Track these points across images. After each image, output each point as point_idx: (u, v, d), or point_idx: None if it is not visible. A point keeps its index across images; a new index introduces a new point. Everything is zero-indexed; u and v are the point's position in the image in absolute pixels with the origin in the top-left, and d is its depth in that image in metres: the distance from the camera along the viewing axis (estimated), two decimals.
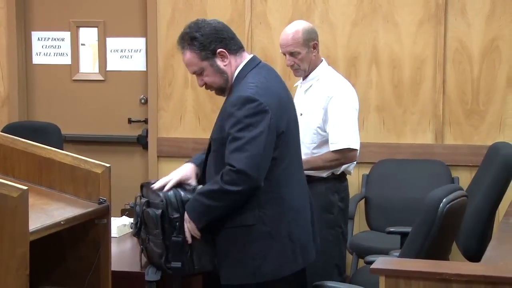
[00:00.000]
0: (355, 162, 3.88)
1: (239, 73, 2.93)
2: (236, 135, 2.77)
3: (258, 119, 2.77)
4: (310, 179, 3.69)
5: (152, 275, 2.99)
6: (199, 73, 2.94)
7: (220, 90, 2.98)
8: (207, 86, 2.97)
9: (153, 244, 3.00)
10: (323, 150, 3.79)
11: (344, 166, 3.83)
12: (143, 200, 3.02)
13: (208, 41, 2.89)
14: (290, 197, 2.92)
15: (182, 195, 2.93)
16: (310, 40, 3.82)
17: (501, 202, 3.64)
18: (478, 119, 4.84)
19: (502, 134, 4.78)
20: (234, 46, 2.94)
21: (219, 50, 2.90)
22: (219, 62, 2.91)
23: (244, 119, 2.77)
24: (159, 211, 2.92)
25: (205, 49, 2.89)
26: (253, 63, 2.96)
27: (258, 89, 2.83)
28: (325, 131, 3.78)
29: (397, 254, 2.93)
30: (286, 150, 2.90)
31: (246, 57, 2.98)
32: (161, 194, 2.94)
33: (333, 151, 3.75)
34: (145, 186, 3.09)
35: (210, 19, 3.00)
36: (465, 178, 4.71)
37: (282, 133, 2.86)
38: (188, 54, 2.91)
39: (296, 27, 3.85)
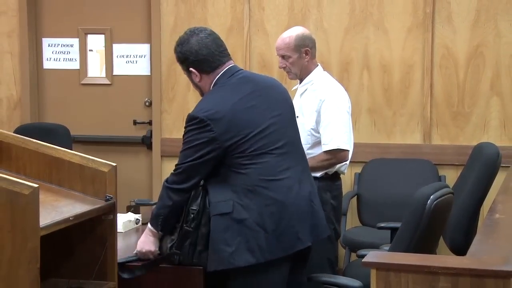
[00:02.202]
0: (347, 163, 3.87)
1: (212, 86, 3.02)
2: (183, 141, 2.96)
3: (199, 132, 2.89)
4: None
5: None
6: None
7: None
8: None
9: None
10: (317, 151, 3.79)
11: (337, 166, 3.82)
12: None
13: (182, 59, 3.04)
14: (271, 190, 2.91)
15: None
16: (302, 46, 3.82)
17: (485, 198, 3.64)
18: (463, 120, 4.84)
19: (486, 135, 4.78)
20: (206, 67, 3.00)
21: (190, 69, 3.02)
22: (194, 77, 3.04)
23: (186, 133, 2.94)
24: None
25: (182, 64, 3.06)
26: (225, 76, 3.01)
27: (205, 106, 2.93)
28: (318, 132, 3.79)
29: (388, 248, 2.93)
30: (262, 147, 2.91)
31: (222, 70, 3.02)
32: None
33: (324, 152, 3.76)
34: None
35: (200, 32, 3.02)
36: (451, 176, 4.71)
37: (242, 138, 2.89)
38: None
39: (291, 33, 3.86)
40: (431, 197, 2.57)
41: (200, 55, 2.98)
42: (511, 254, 2.23)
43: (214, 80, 3.01)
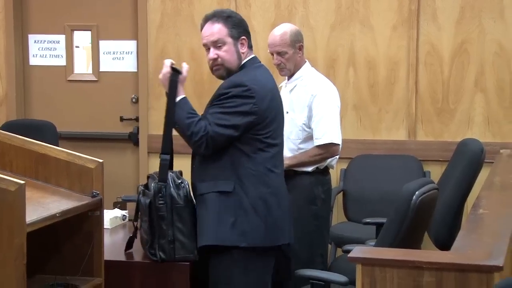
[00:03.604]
0: (337, 157, 3.89)
1: (243, 65, 3.05)
2: (217, 104, 2.93)
3: (242, 101, 2.91)
4: (296, 173, 3.72)
5: None
6: (217, 46, 3.01)
7: (226, 71, 3.04)
8: (216, 62, 3.03)
9: (143, 230, 3.05)
10: (308, 145, 3.80)
11: (328, 161, 3.84)
12: (141, 188, 3.06)
13: (238, 25, 3.06)
14: (271, 179, 2.98)
15: (171, 189, 2.97)
16: (296, 42, 3.84)
17: (470, 194, 3.66)
18: (448, 117, 4.86)
19: (470, 131, 4.81)
20: (251, 42, 3.12)
21: (243, 37, 3.06)
22: (239, 46, 3.05)
23: (229, 97, 2.91)
24: (148, 200, 2.97)
25: (234, 29, 3.03)
26: (254, 61, 3.10)
27: (251, 79, 2.97)
28: (309, 127, 3.80)
29: (373, 243, 2.94)
30: (272, 137, 3.00)
31: (252, 54, 3.12)
32: (153, 185, 2.98)
33: (317, 146, 3.77)
34: (150, 177, 3.10)
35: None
36: (436, 172, 4.73)
37: (269, 121, 2.97)
38: (219, 25, 3.01)
39: (284, 29, 3.87)
40: (416, 193, 2.58)
41: (248, 28, 3.12)
42: (495, 249, 2.25)
43: (246, 60, 3.06)
